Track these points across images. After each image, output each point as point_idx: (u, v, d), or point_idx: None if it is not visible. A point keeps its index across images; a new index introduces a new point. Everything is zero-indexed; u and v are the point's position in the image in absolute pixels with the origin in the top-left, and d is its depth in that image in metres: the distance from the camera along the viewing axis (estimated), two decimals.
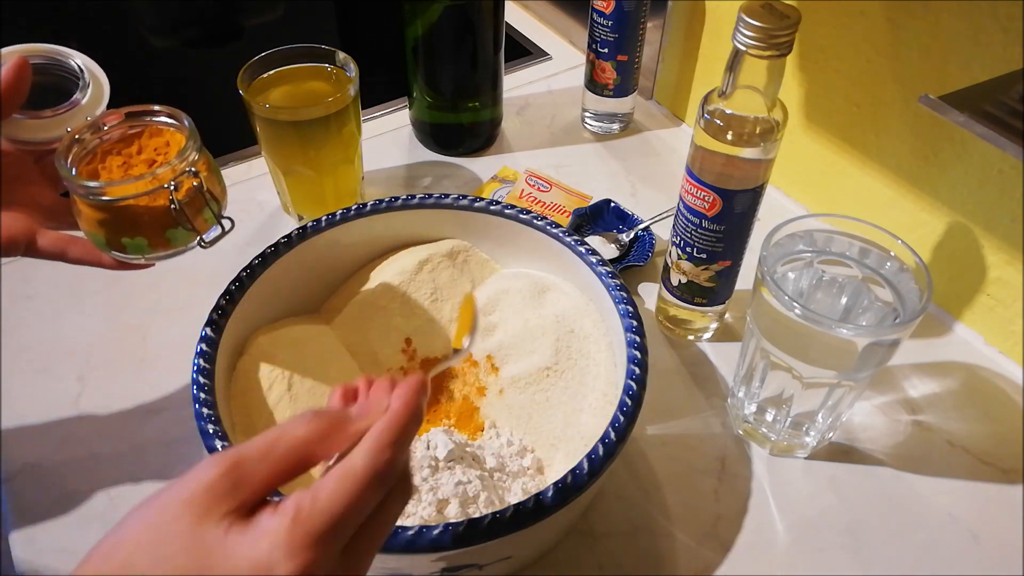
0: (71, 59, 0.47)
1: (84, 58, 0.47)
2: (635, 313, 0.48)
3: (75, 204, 0.43)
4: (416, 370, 0.54)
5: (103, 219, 0.43)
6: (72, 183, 0.42)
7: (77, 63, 0.47)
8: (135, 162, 0.44)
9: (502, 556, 0.42)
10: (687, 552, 0.49)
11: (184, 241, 0.45)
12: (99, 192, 0.42)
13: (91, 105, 0.46)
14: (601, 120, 0.80)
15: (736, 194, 0.50)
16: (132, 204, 0.42)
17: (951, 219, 0.59)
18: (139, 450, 0.54)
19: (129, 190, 0.42)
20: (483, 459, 0.48)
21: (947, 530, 0.50)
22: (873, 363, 0.46)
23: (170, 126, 0.46)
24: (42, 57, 0.46)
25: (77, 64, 0.47)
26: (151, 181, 0.42)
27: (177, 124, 0.45)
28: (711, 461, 0.53)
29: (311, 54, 0.65)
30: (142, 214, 0.43)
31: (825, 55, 0.62)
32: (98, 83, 0.47)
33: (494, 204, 0.55)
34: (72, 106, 0.46)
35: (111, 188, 0.42)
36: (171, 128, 0.46)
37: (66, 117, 0.45)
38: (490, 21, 0.70)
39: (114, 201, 0.42)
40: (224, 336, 0.47)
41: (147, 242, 0.44)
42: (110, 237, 0.44)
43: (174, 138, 0.45)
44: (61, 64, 0.47)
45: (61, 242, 0.45)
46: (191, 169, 0.43)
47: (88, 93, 0.46)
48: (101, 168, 0.44)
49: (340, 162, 0.66)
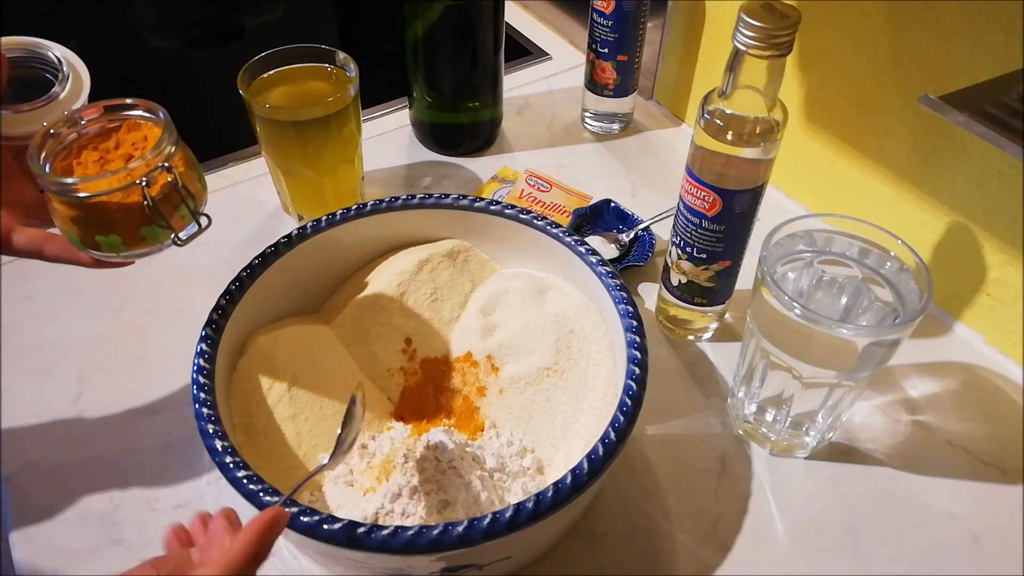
0: (50, 51, 0.46)
1: (64, 50, 0.46)
2: (635, 313, 0.48)
3: (49, 201, 0.42)
4: (416, 370, 0.54)
5: (76, 216, 0.41)
6: (43, 179, 0.41)
7: (56, 55, 0.45)
8: (112, 157, 0.43)
9: (502, 556, 0.42)
10: (687, 552, 0.49)
11: (160, 239, 0.43)
12: (70, 189, 0.40)
13: (70, 99, 0.45)
14: (601, 120, 0.80)
15: (736, 194, 0.50)
16: (105, 201, 0.41)
17: (951, 219, 0.59)
18: (139, 450, 0.54)
19: (100, 186, 0.40)
20: (483, 459, 0.48)
21: (947, 530, 0.50)
22: (873, 363, 0.46)
23: (147, 120, 0.44)
24: (20, 50, 0.45)
25: (56, 56, 0.45)
26: (123, 177, 0.40)
27: (153, 118, 0.44)
28: (711, 461, 0.53)
29: (311, 54, 0.65)
30: (115, 211, 0.41)
31: (825, 55, 0.62)
32: (78, 76, 0.46)
33: (494, 204, 0.55)
34: (50, 100, 0.44)
35: (82, 185, 0.40)
36: (148, 122, 0.44)
37: (44, 111, 0.44)
38: (490, 21, 0.70)
39: (86, 198, 0.40)
40: (224, 336, 0.47)
41: (121, 240, 0.42)
42: (84, 235, 0.42)
43: (151, 132, 0.44)
44: (40, 56, 0.46)
45: (37, 239, 0.44)
46: (165, 165, 0.41)
47: (67, 86, 0.45)
48: (76, 164, 0.42)
49: (340, 162, 0.66)
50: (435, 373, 0.54)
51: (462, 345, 0.54)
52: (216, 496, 0.51)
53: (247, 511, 0.39)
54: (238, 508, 0.37)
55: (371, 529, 0.37)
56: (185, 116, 0.87)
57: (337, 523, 0.38)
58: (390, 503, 0.44)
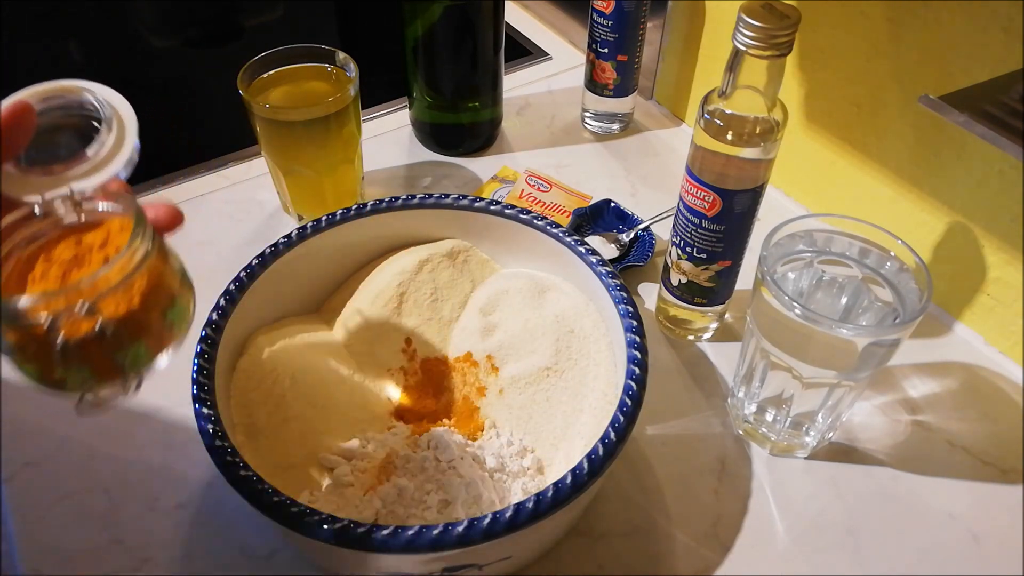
0: (91, 97, 0.37)
1: (109, 95, 0.37)
2: (635, 313, 0.48)
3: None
4: (416, 370, 0.54)
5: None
6: None
7: (95, 100, 0.37)
8: (89, 260, 0.33)
9: (502, 556, 0.42)
10: (687, 552, 0.49)
11: (78, 388, 0.33)
12: None
13: (107, 157, 0.36)
14: (601, 120, 0.80)
15: (736, 194, 0.50)
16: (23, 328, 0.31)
17: (951, 219, 0.59)
18: (139, 450, 0.54)
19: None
20: (483, 459, 0.48)
21: (947, 530, 0.50)
22: (873, 363, 0.46)
23: (114, 214, 0.34)
24: (61, 98, 0.37)
25: (95, 101, 0.37)
26: (36, 307, 0.30)
27: (122, 210, 0.34)
28: (711, 461, 0.53)
29: (311, 54, 0.65)
30: (29, 342, 0.32)
31: (825, 55, 0.62)
32: (121, 127, 0.37)
33: (494, 204, 0.55)
34: (77, 162, 0.36)
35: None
36: (120, 215, 0.34)
37: (67, 176, 0.36)
38: (490, 21, 0.70)
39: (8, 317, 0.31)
40: (224, 336, 0.47)
41: (38, 375, 0.33)
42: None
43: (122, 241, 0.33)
44: (83, 107, 0.37)
45: None
46: (87, 307, 0.30)
47: (106, 142, 0.36)
48: (43, 260, 0.33)
49: (340, 162, 0.66)
50: (435, 373, 0.54)
51: (462, 345, 0.54)
52: (216, 496, 0.51)
53: (247, 511, 0.39)
54: (238, 508, 0.37)
55: (371, 529, 0.37)
56: (185, 116, 0.87)
57: (337, 523, 0.38)
58: (390, 503, 0.44)
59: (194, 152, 0.77)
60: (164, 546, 0.49)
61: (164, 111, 0.85)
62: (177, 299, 0.35)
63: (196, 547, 0.49)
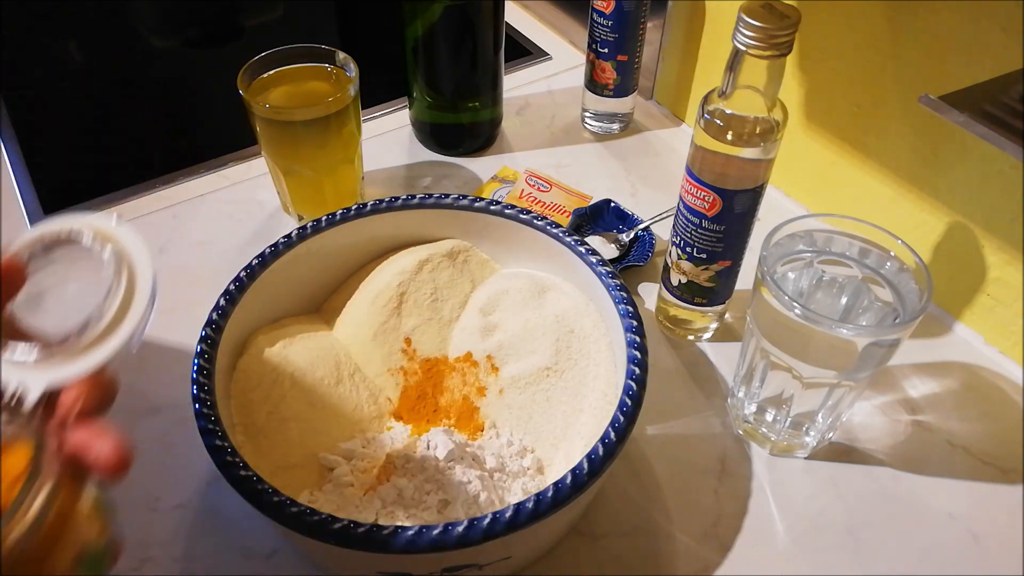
0: (105, 260, 0.29)
1: (126, 242, 0.30)
2: (635, 313, 0.48)
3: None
4: (416, 370, 0.54)
5: None
6: None
7: (109, 266, 0.29)
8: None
9: (502, 556, 0.42)
10: (687, 552, 0.49)
11: None
12: None
13: (107, 330, 0.29)
14: (601, 120, 0.80)
15: (736, 194, 0.50)
16: None
17: (951, 219, 0.59)
18: (139, 450, 0.53)
19: None
20: (483, 459, 0.48)
21: (947, 530, 0.50)
22: (873, 363, 0.46)
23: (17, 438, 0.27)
24: (67, 243, 0.31)
25: (105, 257, 0.29)
26: None
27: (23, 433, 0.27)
28: (711, 461, 0.53)
29: (311, 54, 0.65)
30: None
31: (825, 55, 0.62)
32: (131, 288, 0.30)
33: (494, 204, 0.55)
34: (62, 342, 0.29)
35: None
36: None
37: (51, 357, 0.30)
38: (490, 21, 0.70)
39: None
40: (224, 336, 0.47)
41: None
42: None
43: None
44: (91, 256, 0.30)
45: None
46: None
47: (107, 313, 0.29)
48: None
49: (340, 162, 0.66)
50: (435, 373, 0.54)
51: (462, 345, 0.54)
52: (216, 496, 0.51)
53: (247, 511, 0.39)
54: (238, 508, 0.37)
55: (371, 529, 0.37)
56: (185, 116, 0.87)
57: (337, 523, 0.38)
58: (390, 503, 0.44)
59: (194, 152, 0.77)
60: (164, 546, 0.49)
61: (164, 111, 0.85)
62: (90, 548, 0.28)
63: (196, 547, 0.49)
